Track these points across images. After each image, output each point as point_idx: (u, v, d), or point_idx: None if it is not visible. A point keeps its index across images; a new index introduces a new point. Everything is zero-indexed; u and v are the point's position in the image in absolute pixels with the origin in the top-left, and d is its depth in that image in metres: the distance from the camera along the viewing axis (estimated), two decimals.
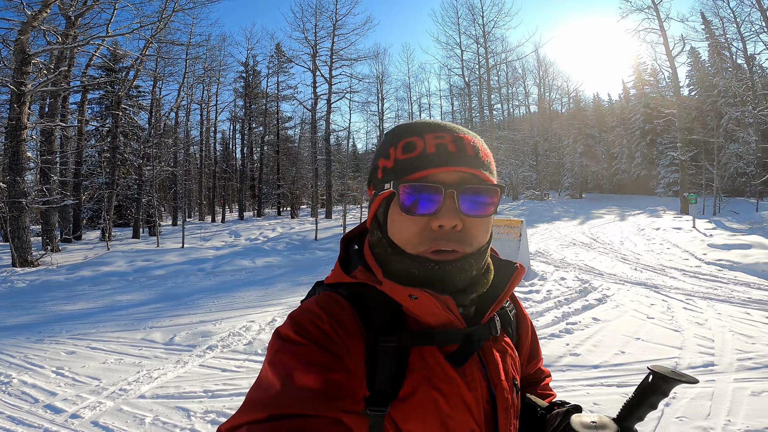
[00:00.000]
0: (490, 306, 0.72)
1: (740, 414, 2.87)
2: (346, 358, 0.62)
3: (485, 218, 0.68)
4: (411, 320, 0.68)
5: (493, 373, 0.72)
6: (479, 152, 0.69)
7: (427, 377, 0.66)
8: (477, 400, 0.68)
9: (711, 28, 26.77)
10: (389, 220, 0.69)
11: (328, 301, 0.69)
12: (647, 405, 0.70)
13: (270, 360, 0.62)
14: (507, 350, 0.78)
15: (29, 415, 3.30)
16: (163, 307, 6.85)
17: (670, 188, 32.29)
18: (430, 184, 0.64)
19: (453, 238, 0.65)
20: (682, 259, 9.24)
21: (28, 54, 11.53)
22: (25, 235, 11.44)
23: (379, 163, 0.72)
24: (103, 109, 23.78)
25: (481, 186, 0.66)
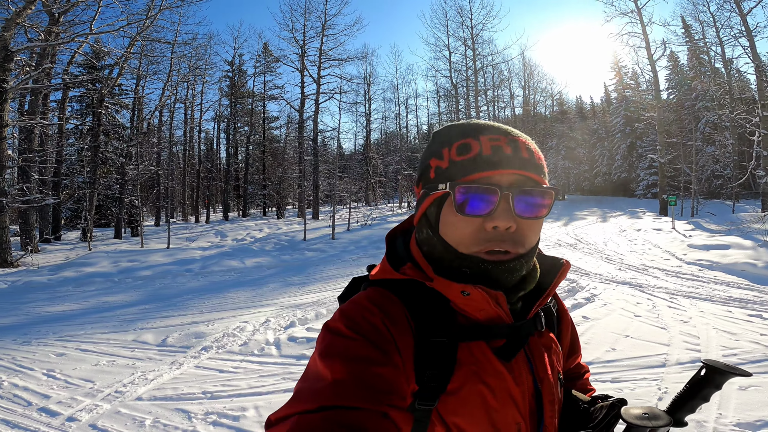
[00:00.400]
0: (536, 301, 0.73)
1: (730, 408, 2.98)
2: (395, 354, 0.63)
3: (538, 220, 0.69)
4: (459, 316, 0.69)
5: (539, 367, 0.73)
6: (533, 154, 0.70)
7: (474, 372, 0.66)
8: (523, 394, 0.69)
9: (691, 32, 27.51)
10: (442, 220, 0.70)
11: (378, 296, 0.70)
12: (700, 398, 0.72)
13: (320, 352, 0.63)
14: (551, 345, 0.79)
15: (24, 419, 3.23)
16: (152, 308, 6.77)
17: (649, 190, 33.10)
18: (487, 185, 0.65)
19: (506, 239, 0.66)
20: (663, 259, 9.52)
21: (10, 51, 11.26)
22: (4, 235, 11.14)
23: (431, 162, 0.73)
24: (83, 107, 23.24)
25: (535, 188, 0.67)
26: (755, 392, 3.18)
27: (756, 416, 2.86)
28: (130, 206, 20.42)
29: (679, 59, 32.65)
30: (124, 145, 20.68)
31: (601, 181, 41.46)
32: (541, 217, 0.69)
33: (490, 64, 31.12)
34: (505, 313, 0.68)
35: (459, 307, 0.69)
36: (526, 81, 37.99)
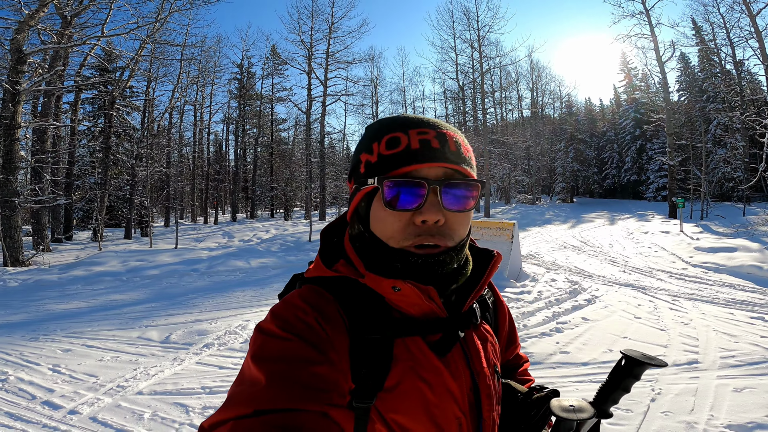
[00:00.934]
0: (470, 294, 0.73)
1: (723, 409, 2.98)
2: (331, 352, 0.62)
3: (466, 212, 0.69)
4: (394, 312, 0.69)
5: (475, 360, 0.73)
6: (461, 147, 0.70)
7: (411, 367, 0.66)
8: (461, 388, 0.69)
9: (701, 34, 27.22)
10: (372, 215, 0.70)
11: (311, 294, 0.69)
12: (621, 389, 0.73)
13: (253, 355, 0.61)
14: (487, 337, 0.79)
15: (27, 411, 3.31)
16: (158, 306, 6.86)
17: (659, 193, 32.77)
18: (414, 179, 0.65)
19: (435, 232, 0.66)
20: (669, 261, 9.44)
21: (23, 53, 11.47)
22: (16, 235, 11.36)
23: (361, 157, 0.72)
24: (95, 109, 23.63)
25: (462, 181, 0.68)
26: (750, 394, 3.18)
27: (748, 418, 2.85)
28: (140, 207, 20.71)
29: (689, 61, 32.32)
30: (135, 147, 20.98)
31: (611, 184, 41.15)
32: (469, 210, 0.69)
33: (497, 66, 31.11)
34: (438, 307, 0.68)
35: (393, 303, 0.68)
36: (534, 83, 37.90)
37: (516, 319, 5.29)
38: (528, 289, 6.78)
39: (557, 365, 3.90)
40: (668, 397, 3.21)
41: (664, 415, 2.95)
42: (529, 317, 5.39)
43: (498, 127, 37.87)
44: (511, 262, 7.58)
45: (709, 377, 3.55)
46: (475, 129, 29.76)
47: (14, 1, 11.55)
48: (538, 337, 4.66)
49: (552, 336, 4.68)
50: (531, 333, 4.78)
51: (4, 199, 11.29)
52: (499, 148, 31.81)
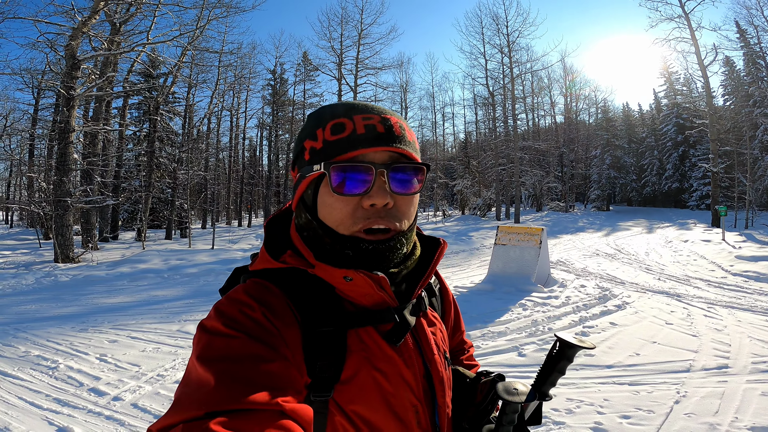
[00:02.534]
0: (419, 282, 0.74)
1: (748, 412, 2.95)
2: (282, 347, 0.60)
3: (413, 195, 0.70)
4: (345, 302, 0.69)
5: (426, 348, 0.73)
6: (405, 132, 0.70)
7: (366, 358, 0.66)
8: (415, 376, 0.70)
9: (746, 37, 26.08)
10: (319, 202, 0.70)
11: (257, 288, 0.67)
12: (556, 371, 0.76)
13: (199, 355, 0.58)
14: (436, 324, 0.79)
15: (74, 398, 3.52)
16: (196, 302, 7.19)
17: (703, 201, 31.38)
18: (362, 163, 0.65)
19: (384, 215, 0.67)
20: (708, 270, 9.10)
21: (77, 59, 12.16)
22: (68, 233, 12.08)
23: (305, 144, 0.71)
24: (141, 114, 24.88)
25: (409, 165, 0.68)
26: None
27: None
28: (180, 209, 21.61)
29: (735, 64, 30.94)
30: (176, 151, 21.94)
31: (650, 192, 39.66)
32: (416, 193, 0.70)
33: (528, 72, 30.64)
34: (389, 296, 0.68)
35: (344, 294, 0.68)
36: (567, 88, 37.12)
37: (541, 323, 5.29)
38: (556, 294, 6.73)
39: (580, 367, 3.90)
40: (693, 399, 3.18)
41: (686, 417, 2.94)
42: (555, 321, 5.37)
43: (529, 132, 37.28)
44: (539, 268, 7.53)
45: (737, 381, 3.50)
46: (505, 135, 29.43)
47: (68, 8, 12.30)
48: None
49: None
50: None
51: (58, 198, 12.06)
52: (530, 154, 31.31)
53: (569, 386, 3.49)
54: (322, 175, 0.68)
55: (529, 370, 3.86)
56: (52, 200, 12.24)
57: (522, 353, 4.30)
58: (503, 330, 5.08)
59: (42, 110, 25.78)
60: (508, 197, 30.07)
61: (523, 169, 29.65)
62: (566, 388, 3.43)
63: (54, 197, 12.17)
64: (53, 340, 5.09)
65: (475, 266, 10.42)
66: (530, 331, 5.02)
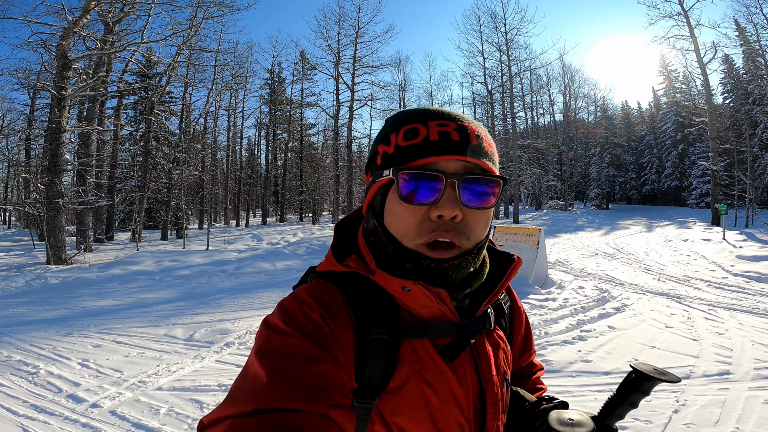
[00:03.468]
0: (485, 299, 0.70)
1: (750, 421, 2.83)
2: (336, 350, 0.60)
3: (486, 210, 0.66)
4: (404, 312, 0.67)
5: (485, 367, 0.70)
6: (483, 142, 0.66)
7: (417, 370, 0.64)
8: (467, 395, 0.67)
9: (745, 35, 25.97)
10: (387, 209, 0.67)
11: (319, 289, 0.67)
12: (628, 404, 0.69)
13: (257, 350, 0.60)
14: (500, 344, 0.76)
15: (52, 404, 3.44)
16: (186, 305, 7.07)
17: (703, 199, 31.29)
18: (431, 172, 0.62)
19: (451, 228, 0.63)
20: (708, 270, 8.97)
21: (69, 59, 12.05)
22: (60, 235, 11.97)
23: (379, 149, 0.70)
24: (136, 114, 24.76)
25: (482, 177, 0.64)
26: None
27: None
28: (176, 209, 21.48)
29: (734, 62, 30.84)
30: (172, 151, 21.82)
31: (650, 190, 39.59)
32: (489, 207, 0.65)
33: (527, 70, 30.51)
34: (450, 310, 0.65)
35: (403, 303, 0.66)
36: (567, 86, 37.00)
37: (538, 327, 5.14)
38: (553, 296, 6.59)
39: (577, 374, 3.77)
40: (693, 408, 3.06)
41: (685, 427, 2.81)
42: (552, 324, 5.23)
43: (528, 131, 37.15)
44: (537, 269, 7.39)
45: (739, 389, 3.37)
46: (504, 133, 29.28)
47: (59, 8, 12.18)
48: (560, 344, 4.51)
49: (574, 344, 4.53)
50: (552, 341, 4.64)
51: (50, 200, 11.93)
52: (529, 152, 31.18)
53: (564, 394, 3.35)
54: (391, 181, 0.66)
55: None
56: (43, 201, 12.11)
57: None
58: None
59: (38, 111, 25.71)
60: (507, 196, 29.94)
61: (522, 168, 29.51)
62: (562, 397, 3.27)
63: (46, 198, 12.04)
64: (36, 345, 4.98)
65: None
66: None
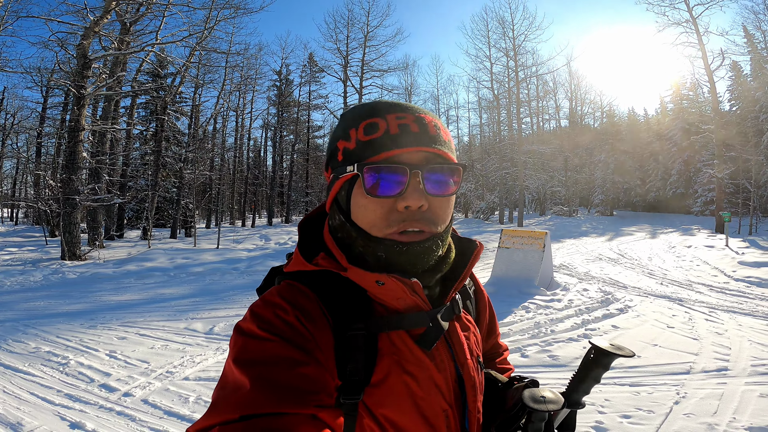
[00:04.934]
0: (453, 285, 0.72)
1: (746, 413, 3.01)
2: (316, 351, 0.60)
3: (449, 197, 0.68)
4: (377, 305, 0.68)
5: (459, 352, 0.72)
6: (440, 131, 0.68)
7: (397, 361, 0.65)
8: (446, 380, 0.69)
9: (753, 42, 25.99)
10: (353, 204, 0.68)
11: (291, 291, 0.67)
12: (591, 378, 0.73)
13: (235, 358, 0.59)
14: (470, 327, 0.78)
15: (86, 393, 3.58)
16: (202, 301, 7.28)
17: (708, 207, 31.28)
18: (395, 165, 0.63)
19: (419, 218, 0.65)
20: (710, 275, 9.12)
21: (89, 58, 12.31)
22: (75, 231, 12.22)
23: (338, 145, 0.70)
24: (148, 113, 25.07)
25: (445, 165, 0.66)
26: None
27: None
28: (186, 208, 21.76)
29: (742, 69, 30.85)
30: (183, 151, 22.10)
31: (655, 197, 39.55)
32: (451, 194, 0.68)
33: (534, 75, 30.64)
34: (422, 300, 0.67)
35: (376, 297, 0.67)
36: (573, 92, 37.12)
37: (544, 325, 5.34)
38: (559, 297, 6.77)
39: None
40: (693, 400, 3.24)
41: (686, 417, 3.00)
42: (558, 323, 5.42)
43: (534, 136, 37.26)
44: (543, 271, 7.58)
45: (736, 383, 3.55)
46: (509, 138, 29.44)
47: (80, 7, 12.44)
48: (565, 342, 4.71)
49: (579, 341, 4.72)
50: (558, 338, 4.84)
51: (66, 196, 12.19)
52: (534, 158, 31.32)
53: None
54: (355, 176, 0.67)
55: (532, 371, 3.92)
56: (60, 198, 12.37)
57: (525, 354, 4.36)
58: (506, 331, 5.14)
59: (50, 109, 26.07)
60: (512, 201, 30.06)
61: (527, 173, 29.65)
62: None
63: (62, 195, 12.31)
64: (63, 337, 5.17)
65: (477, 269, 10.47)
66: (533, 333, 5.07)
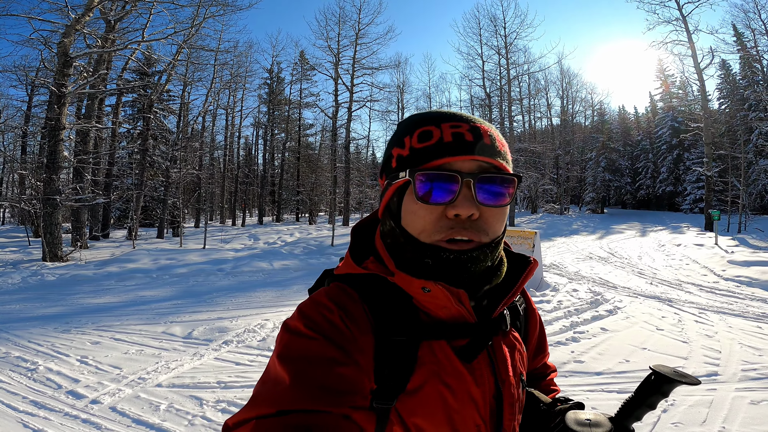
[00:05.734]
0: (502, 300, 0.71)
1: (736, 421, 2.91)
2: (356, 353, 0.62)
3: (502, 208, 0.67)
4: (421, 313, 0.68)
5: (501, 368, 0.71)
6: (495, 141, 0.68)
7: (435, 372, 0.65)
8: (484, 395, 0.68)
9: (743, 40, 26.20)
10: (404, 210, 0.68)
11: (338, 292, 0.69)
12: (646, 405, 0.70)
13: (279, 353, 0.61)
14: (516, 345, 0.77)
15: (52, 400, 3.47)
16: (184, 303, 7.10)
17: (697, 205, 31.57)
18: (447, 172, 0.63)
19: (469, 226, 0.64)
20: (700, 274, 9.10)
21: (70, 56, 12.05)
22: (57, 232, 11.94)
23: (393, 152, 0.71)
24: (134, 112, 24.71)
25: (497, 175, 0.66)
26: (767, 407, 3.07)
27: (762, 430, 2.79)
28: (173, 208, 21.46)
29: (731, 68, 31.12)
30: (170, 150, 21.79)
31: (645, 195, 39.88)
32: (505, 205, 0.67)
33: (525, 73, 30.66)
34: (468, 311, 0.67)
35: (421, 304, 0.67)
36: (564, 90, 37.20)
37: None
38: (548, 298, 6.69)
39: (570, 374, 3.86)
40: (681, 408, 3.14)
41: (674, 426, 2.89)
42: (546, 326, 5.30)
43: (525, 134, 37.32)
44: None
45: (726, 389, 3.47)
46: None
47: (62, 5, 12.16)
48: (553, 345, 4.60)
49: (568, 345, 4.62)
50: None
51: (47, 196, 11.91)
52: (526, 156, 31.35)
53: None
54: (407, 182, 0.67)
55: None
56: (41, 198, 12.08)
57: None
58: None
59: (35, 107, 25.61)
60: None
61: (518, 171, 29.56)
62: None
63: (43, 195, 12.02)
64: (34, 341, 5.00)
65: None
66: None
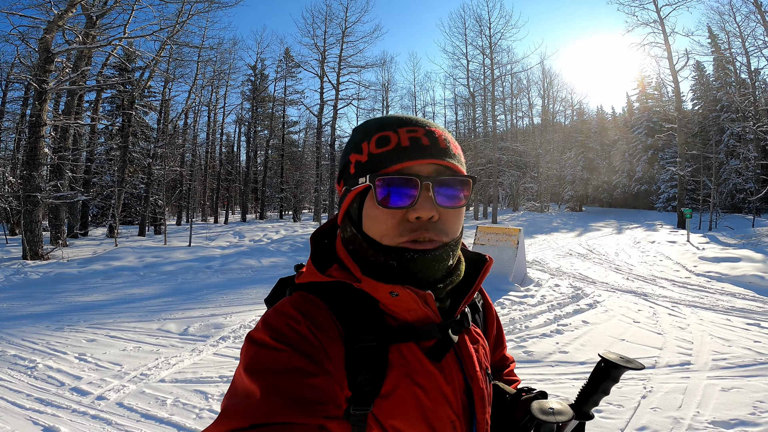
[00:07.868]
0: (463, 298, 0.74)
1: (709, 406, 3.18)
2: (326, 362, 0.61)
3: (459, 209, 0.69)
4: (387, 317, 0.69)
5: (468, 364, 0.73)
6: (450, 145, 0.70)
7: (406, 373, 0.66)
8: (455, 392, 0.70)
9: (717, 43, 26.89)
10: (364, 215, 0.69)
11: (303, 302, 0.68)
12: (600, 391, 0.74)
13: (246, 366, 0.60)
14: (478, 340, 0.79)
15: (57, 397, 3.49)
16: (175, 300, 7.12)
17: (670, 203, 32.60)
18: (407, 176, 0.65)
19: (430, 228, 0.66)
20: (673, 270, 9.54)
21: (51, 52, 11.81)
22: (37, 229, 11.70)
23: (351, 158, 0.72)
24: (114, 108, 24.20)
25: (454, 178, 0.68)
26: (736, 393, 3.37)
27: (732, 415, 3.04)
28: (155, 205, 21.15)
29: (705, 70, 32.13)
30: (151, 146, 21.45)
31: (621, 193, 40.90)
32: (462, 206, 0.70)
33: (509, 73, 31.15)
34: (433, 312, 0.68)
35: (388, 308, 0.68)
36: (545, 90, 37.91)
37: (519, 321, 5.49)
38: (532, 293, 6.96)
39: (556, 363, 4.11)
40: (658, 394, 3.40)
41: (653, 411, 3.14)
42: (531, 319, 5.58)
43: (508, 134, 37.92)
44: (516, 267, 7.76)
45: (699, 377, 3.73)
46: (485, 135, 29.88)
47: (43, 1, 11.90)
48: (539, 337, 4.86)
49: (552, 337, 4.88)
50: (532, 333, 4.99)
51: (27, 194, 11.66)
52: (508, 155, 31.88)
53: (545, 382, 3.68)
54: (367, 188, 0.68)
55: None
56: (20, 195, 11.82)
57: None
58: None
59: (9, 103, 24.85)
60: (486, 197, 30.55)
61: (501, 170, 30.15)
62: (543, 384, 3.60)
63: (23, 192, 11.77)
64: (28, 339, 4.99)
65: None
66: (508, 329, 5.20)
